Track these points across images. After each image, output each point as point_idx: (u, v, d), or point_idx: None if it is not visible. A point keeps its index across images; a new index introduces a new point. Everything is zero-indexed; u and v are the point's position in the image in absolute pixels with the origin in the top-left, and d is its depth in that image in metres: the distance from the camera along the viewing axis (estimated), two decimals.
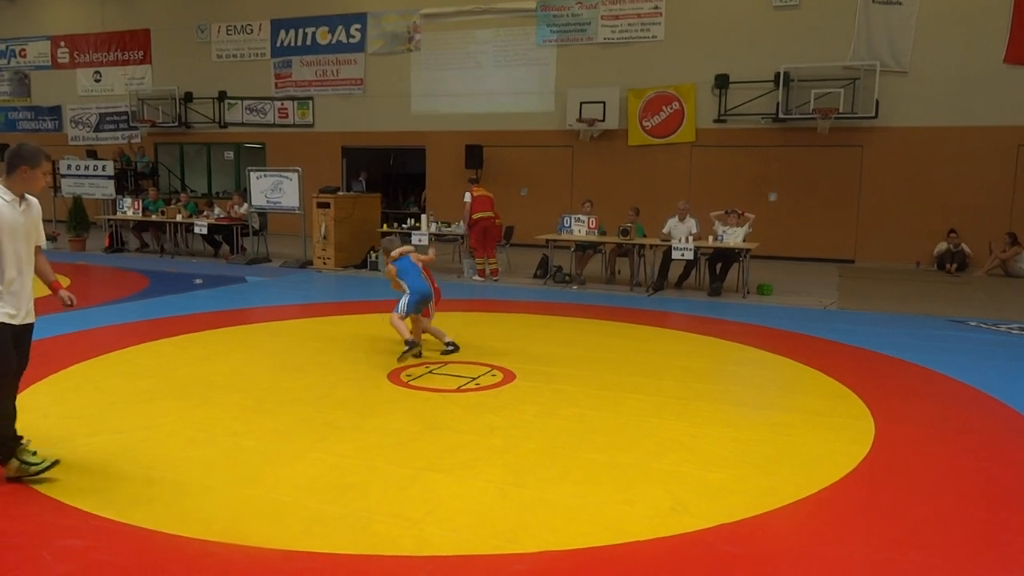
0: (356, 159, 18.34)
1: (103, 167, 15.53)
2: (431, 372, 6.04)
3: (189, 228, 13.83)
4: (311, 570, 3.02)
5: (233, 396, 5.30)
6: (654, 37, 15.10)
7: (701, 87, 14.87)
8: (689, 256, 10.35)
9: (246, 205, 13.31)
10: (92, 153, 18.02)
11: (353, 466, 4.07)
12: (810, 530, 3.47)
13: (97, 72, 20.58)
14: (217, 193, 19.40)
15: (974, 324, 8.32)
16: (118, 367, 6.03)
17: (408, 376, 5.89)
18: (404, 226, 12.32)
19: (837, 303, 9.69)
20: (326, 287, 10.98)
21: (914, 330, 7.94)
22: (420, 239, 11.96)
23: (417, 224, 12.16)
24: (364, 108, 17.63)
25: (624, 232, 10.72)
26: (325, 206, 12.40)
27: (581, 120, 15.26)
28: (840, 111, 13.44)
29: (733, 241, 10.49)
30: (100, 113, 20.65)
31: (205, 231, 13.39)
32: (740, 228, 10.63)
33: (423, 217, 12.25)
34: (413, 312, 6.54)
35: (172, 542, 3.21)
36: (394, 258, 6.73)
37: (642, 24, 15.14)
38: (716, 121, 14.81)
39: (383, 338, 6.91)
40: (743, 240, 10.51)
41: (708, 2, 14.70)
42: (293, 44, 18.14)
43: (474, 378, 5.85)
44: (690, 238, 10.43)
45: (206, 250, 14.09)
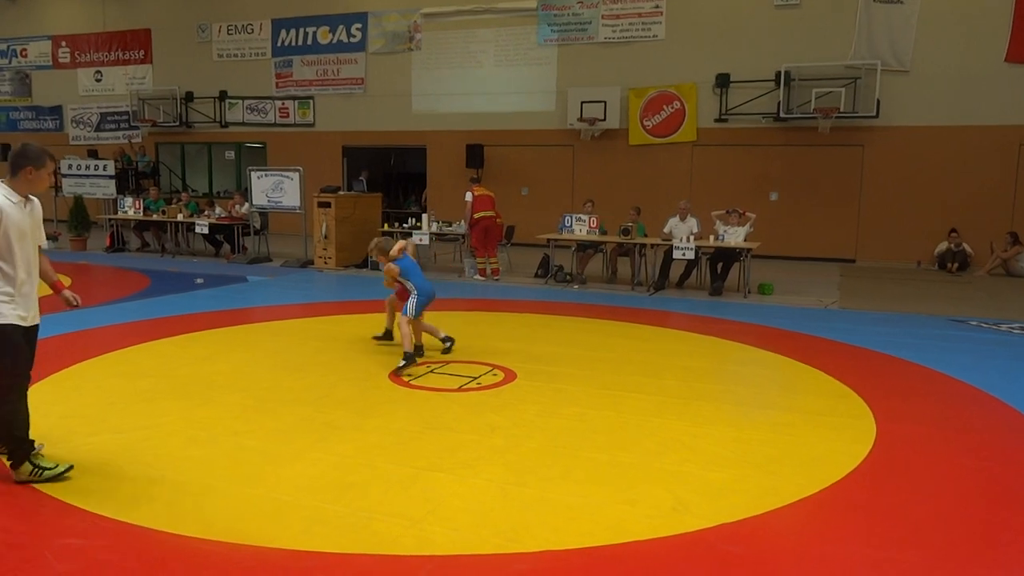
0: (357, 158, 18.34)
1: (104, 167, 15.53)
2: (432, 372, 6.04)
3: (190, 228, 13.85)
4: (312, 569, 3.02)
5: (234, 396, 5.31)
6: (655, 36, 15.10)
7: (702, 86, 14.86)
8: (690, 256, 10.34)
9: (247, 205, 13.33)
10: (93, 153, 18.02)
11: (354, 465, 4.07)
12: (811, 530, 3.47)
13: (98, 72, 20.59)
14: (218, 193, 19.42)
15: (975, 324, 8.31)
16: (119, 367, 6.03)
17: (409, 376, 5.89)
18: (405, 225, 12.32)
19: (838, 302, 9.68)
20: (327, 287, 10.98)
21: (915, 329, 7.94)
22: (421, 238, 11.99)
23: (418, 223, 12.16)
24: (365, 107, 17.64)
25: (625, 231, 10.72)
26: (326, 206, 12.41)
27: (582, 119, 15.25)
28: (841, 110, 13.43)
29: (734, 241, 10.48)
30: (101, 113, 20.66)
31: (206, 231, 13.40)
32: (741, 228, 10.62)
33: (424, 216, 12.25)
34: (419, 313, 6.41)
35: (173, 541, 3.21)
36: (394, 257, 6.46)
37: (643, 23, 15.13)
38: (717, 120, 14.80)
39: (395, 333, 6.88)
40: (744, 240, 10.50)
41: (709, 1, 14.68)
42: (294, 44, 18.14)
43: (475, 377, 5.85)
44: (691, 237, 10.42)
45: (207, 250, 14.09)
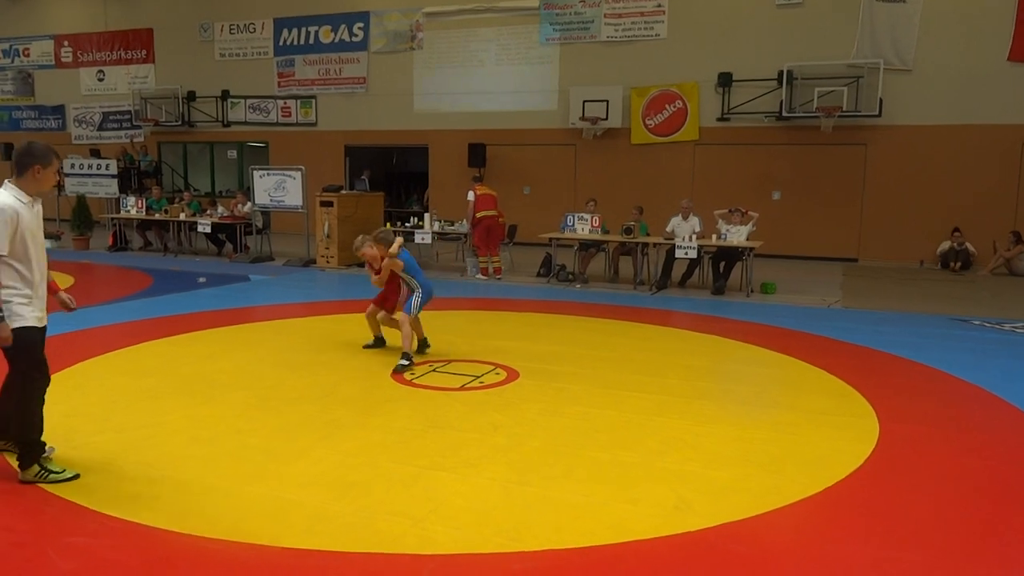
0: (359, 158, 18.34)
1: (107, 166, 15.56)
2: (434, 370, 6.04)
3: (193, 227, 13.86)
4: (314, 567, 3.02)
5: (237, 394, 5.31)
6: (657, 35, 15.08)
7: (704, 85, 14.85)
8: (692, 255, 10.33)
9: (249, 204, 13.33)
10: (96, 152, 18.04)
11: (357, 464, 4.07)
12: (814, 529, 3.46)
13: (100, 71, 20.61)
14: (220, 192, 19.42)
15: (978, 323, 8.30)
16: (122, 365, 6.04)
17: (411, 375, 5.89)
18: (407, 224, 12.32)
19: (841, 302, 9.67)
20: (329, 286, 10.99)
21: (918, 329, 7.93)
22: (423, 238, 12.00)
23: (420, 223, 12.16)
24: (367, 107, 17.64)
25: (628, 231, 10.71)
26: (328, 205, 12.41)
27: (584, 118, 15.25)
28: (844, 109, 13.40)
29: (736, 240, 10.47)
30: (103, 112, 20.68)
31: (209, 230, 13.41)
32: (743, 227, 10.61)
33: (426, 216, 12.25)
34: (419, 312, 6.39)
35: (176, 540, 3.22)
36: (394, 253, 6.26)
37: (645, 22, 15.12)
38: (719, 119, 14.79)
39: (386, 336, 6.90)
40: (746, 239, 10.49)
41: (711, 0, 14.66)
42: (296, 43, 18.15)
43: (477, 376, 5.86)
44: (693, 237, 10.41)
45: (209, 249, 14.10)
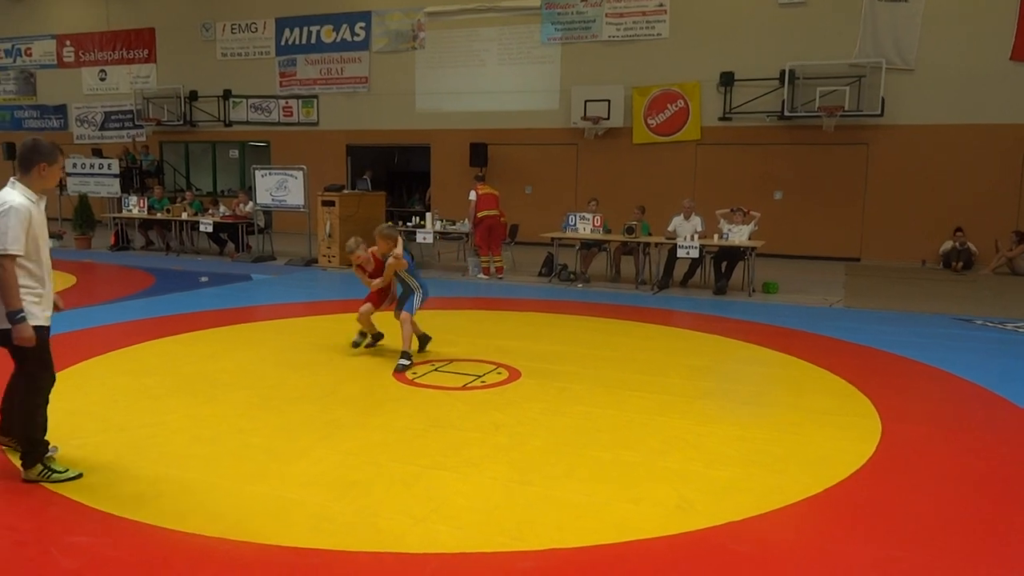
0: (361, 157, 18.35)
1: (108, 165, 15.58)
2: (436, 370, 6.04)
3: (194, 226, 13.86)
4: (316, 566, 3.02)
5: (239, 393, 5.31)
6: (659, 35, 15.07)
7: (706, 85, 14.84)
8: (694, 254, 10.32)
9: (251, 203, 13.35)
10: (97, 151, 18.06)
11: (358, 463, 4.07)
12: (817, 528, 3.46)
13: (102, 71, 20.63)
14: (222, 191, 19.45)
15: (980, 322, 8.29)
16: (124, 364, 6.04)
17: (413, 374, 5.89)
18: (409, 224, 12.32)
19: (843, 301, 9.66)
20: (331, 285, 10.98)
21: (920, 328, 7.92)
22: (425, 237, 11.99)
23: (422, 222, 12.16)
24: (369, 106, 17.65)
25: (629, 230, 10.71)
26: (330, 204, 12.41)
27: (586, 118, 15.25)
28: (846, 109, 13.40)
29: (738, 239, 10.46)
30: (105, 112, 20.71)
31: (210, 229, 13.42)
32: (745, 226, 10.60)
33: (428, 215, 12.25)
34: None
35: (178, 539, 3.22)
36: (399, 253, 6.21)
37: (647, 22, 15.11)
38: (721, 119, 14.78)
39: (387, 336, 6.90)
40: (748, 238, 10.48)
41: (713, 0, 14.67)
42: (298, 42, 18.16)
43: (479, 376, 5.85)
44: (695, 236, 10.41)
45: (211, 248, 14.11)
